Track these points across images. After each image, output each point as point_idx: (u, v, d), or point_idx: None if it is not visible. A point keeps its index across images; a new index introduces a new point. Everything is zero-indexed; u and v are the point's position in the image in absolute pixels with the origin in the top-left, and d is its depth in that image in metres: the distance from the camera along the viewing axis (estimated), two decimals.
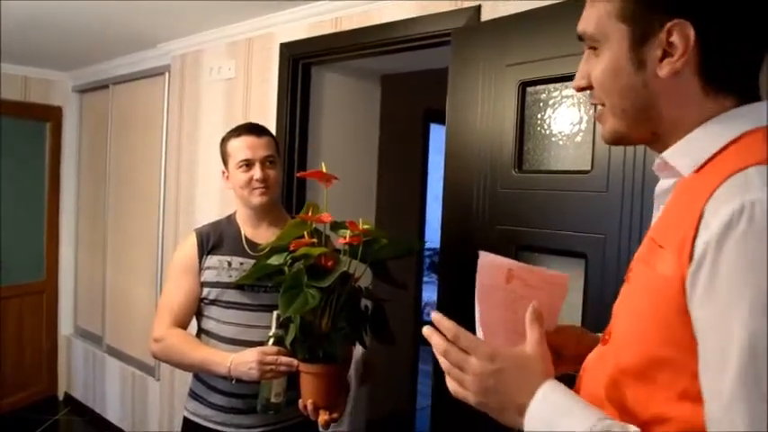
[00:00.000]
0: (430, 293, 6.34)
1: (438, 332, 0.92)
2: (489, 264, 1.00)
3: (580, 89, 0.94)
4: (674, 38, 0.80)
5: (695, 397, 0.74)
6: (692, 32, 0.79)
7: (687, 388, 0.74)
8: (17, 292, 4.56)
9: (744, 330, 0.67)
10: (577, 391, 0.94)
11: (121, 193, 4.35)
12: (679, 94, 0.83)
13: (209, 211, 3.32)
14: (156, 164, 3.92)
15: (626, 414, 0.82)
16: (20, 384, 4.59)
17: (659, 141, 0.88)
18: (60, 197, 4.84)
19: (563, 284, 1.05)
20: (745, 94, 0.83)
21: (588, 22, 0.89)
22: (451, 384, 0.92)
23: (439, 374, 2.22)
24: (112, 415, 4.37)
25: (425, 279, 5.76)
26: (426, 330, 0.93)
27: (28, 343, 4.68)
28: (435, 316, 0.94)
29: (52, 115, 4.76)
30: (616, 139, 0.92)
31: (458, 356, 0.90)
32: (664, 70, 0.82)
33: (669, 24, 0.80)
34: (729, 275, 0.68)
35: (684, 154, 0.83)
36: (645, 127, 0.88)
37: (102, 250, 4.51)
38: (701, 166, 0.81)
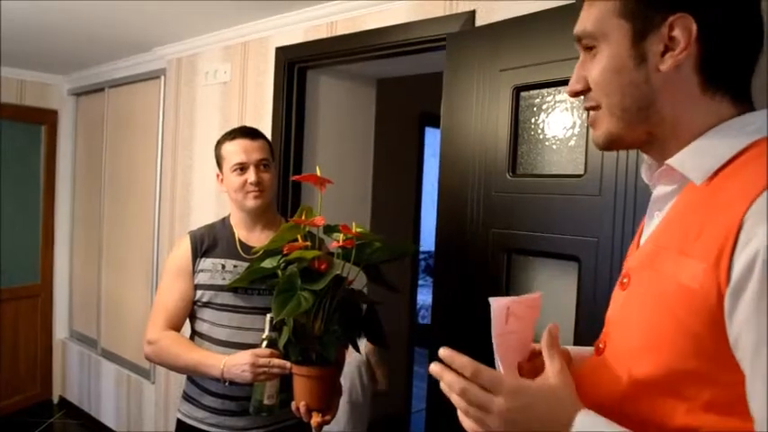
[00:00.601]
0: (425, 296, 6.37)
1: (450, 369, 0.85)
2: (495, 308, 0.94)
3: (575, 94, 0.93)
4: (676, 32, 0.81)
5: (721, 408, 0.74)
6: (694, 26, 0.80)
7: (713, 399, 0.74)
8: (12, 296, 4.56)
9: None
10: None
11: (117, 197, 4.35)
12: (678, 90, 0.84)
13: (204, 215, 3.32)
14: (152, 167, 3.92)
15: (650, 426, 0.80)
16: (15, 388, 4.59)
17: (654, 143, 0.88)
18: (56, 200, 4.84)
19: (537, 306, 0.99)
20: (739, 95, 0.84)
21: (587, 21, 0.89)
22: (469, 423, 0.87)
23: (434, 378, 2.23)
24: (107, 418, 4.37)
25: (420, 282, 5.78)
26: (435, 368, 0.86)
27: (23, 346, 4.67)
28: (445, 353, 0.86)
29: (48, 118, 4.76)
30: (609, 142, 0.91)
31: (479, 396, 0.83)
32: (666, 64, 0.82)
33: (671, 18, 0.81)
34: None
35: (694, 161, 0.83)
36: (642, 127, 0.87)
37: (97, 253, 4.51)
38: (713, 175, 0.80)
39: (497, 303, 0.93)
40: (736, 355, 0.72)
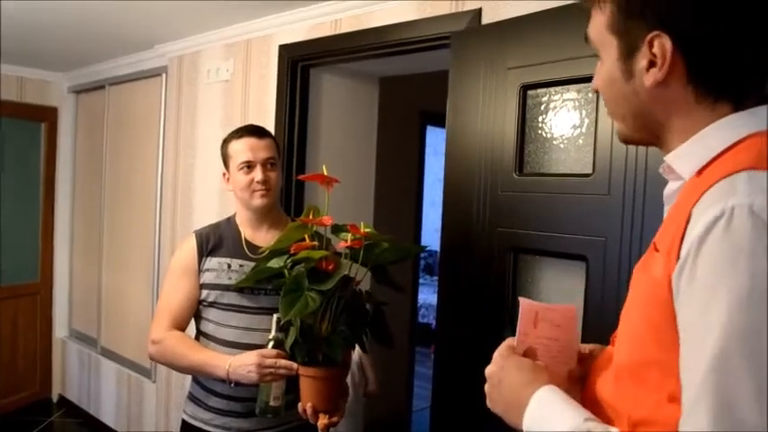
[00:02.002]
0: (425, 295, 6.37)
1: None
2: (522, 310, 0.99)
3: (596, 91, 0.97)
4: (655, 49, 0.83)
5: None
6: (668, 44, 0.82)
7: (676, 390, 0.75)
8: (11, 294, 4.54)
9: (716, 330, 0.68)
10: (585, 393, 0.96)
11: (117, 195, 4.33)
12: (669, 102, 0.85)
13: (206, 213, 3.31)
14: (153, 165, 3.91)
15: (619, 416, 0.84)
16: (14, 386, 4.57)
17: (664, 144, 0.90)
18: (55, 198, 4.82)
19: (573, 317, 1.02)
20: (743, 98, 0.84)
21: (591, 29, 0.93)
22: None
23: (439, 377, 2.23)
24: (107, 417, 4.35)
25: (420, 281, 5.77)
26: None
27: (22, 345, 4.66)
28: None
29: (48, 116, 4.74)
30: (624, 140, 0.96)
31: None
32: (648, 81, 0.85)
33: (649, 37, 0.83)
34: (706, 276, 0.70)
35: (685, 158, 0.85)
36: (645, 131, 0.91)
37: (97, 252, 4.50)
38: (701, 170, 0.82)
39: (525, 304, 0.99)
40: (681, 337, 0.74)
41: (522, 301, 0.99)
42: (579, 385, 1.00)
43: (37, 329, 4.77)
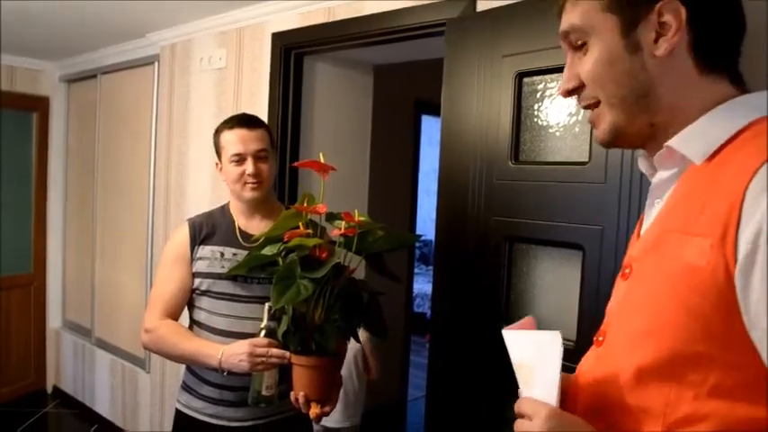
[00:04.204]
0: (420, 285, 6.37)
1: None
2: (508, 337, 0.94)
3: (568, 93, 0.94)
4: (666, 17, 0.82)
5: (728, 393, 0.73)
6: (682, 9, 0.82)
7: (719, 383, 0.73)
8: (4, 285, 4.52)
9: None
10: (574, 396, 0.93)
11: (110, 185, 4.30)
12: (676, 73, 0.84)
13: (199, 203, 3.29)
14: (146, 155, 3.88)
15: (654, 416, 0.79)
16: (8, 378, 4.55)
17: (657, 134, 0.88)
18: (48, 188, 4.79)
19: (555, 343, 0.87)
20: (734, 75, 0.86)
21: (573, 17, 0.90)
22: None
23: (434, 366, 2.23)
24: (102, 408, 4.34)
25: (415, 270, 5.77)
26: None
27: (15, 336, 4.64)
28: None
29: (39, 105, 4.69)
30: (614, 137, 0.91)
31: (523, 425, 0.86)
32: (661, 48, 0.83)
33: (659, 5, 0.83)
34: None
35: (695, 141, 0.83)
36: (643, 117, 0.87)
37: (90, 242, 4.47)
38: (713, 155, 0.80)
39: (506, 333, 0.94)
40: (754, 336, 0.71)
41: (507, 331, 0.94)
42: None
43: (31, 320, 4.75)
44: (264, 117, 2.97)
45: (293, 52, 2.98)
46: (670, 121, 0.86)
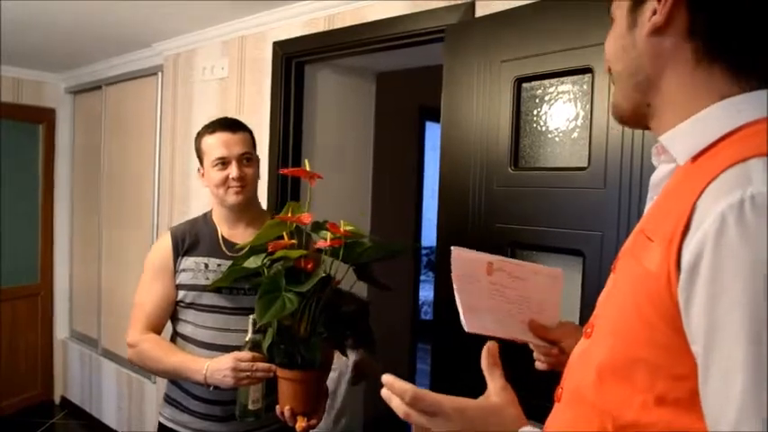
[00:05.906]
0: (427, 292, 6.34)
1: (395, 395, 0.87)
2: (463, 258, 1.05)
3: (609, 69, 0.94)
4: None
5: (674, 403, 0.70)
6: None
7: (665, 392, 0.70)
8: (11, 296, 4.53)
9: (748, 334, 0.62)
10: (562, 387, 0.92)
11: (115, 195, 4.32)
12: (668, 57, 0.81)
13: (203, 211, 3.27)
14: (150, 164, 3.89)
15: (607, 416, 0.78)
16: (15, 388, 4.56)
17: (654, 116, 0.86)
18: (54, 199, 4.81)
19: (556, 277, 1.11)
20: (741, 69, 0.79)
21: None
22: None
23: (437, 373, 2.21)
24: (109, 418, 4.34)
25: (423, 277, 5.75)
26: (384, 393, 0.89)
27: (23, 347, 4.65)
28: (386, 379, 0.88)
29: (45, 117, 4.72)
30: (614, 112, 0.92)
31: (420, 419, 0.86)
32: (646, 27, 0.82)
33: None
34: (730, 273, 0.63)
35: (681, 139, 0.80)
36: (636, 96, 0.86)
37: (96, 252, 4.48)
38: (698, 155, 0.77)
39: (460, 252, 1.07)
40: (693, 350, 0.68)
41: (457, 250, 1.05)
42: (565, 357, 0.97)
43: (38, 331, 4.76)
44: (266, 125, 2.98)
45: (295, 60, 2.98)
46: (667, 108, 0.83)
